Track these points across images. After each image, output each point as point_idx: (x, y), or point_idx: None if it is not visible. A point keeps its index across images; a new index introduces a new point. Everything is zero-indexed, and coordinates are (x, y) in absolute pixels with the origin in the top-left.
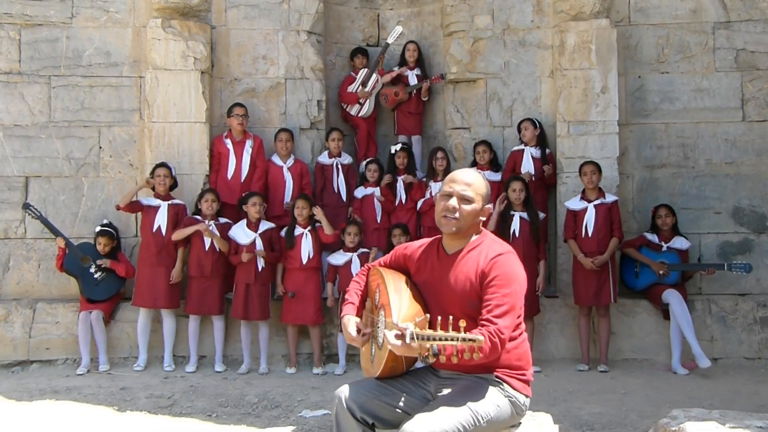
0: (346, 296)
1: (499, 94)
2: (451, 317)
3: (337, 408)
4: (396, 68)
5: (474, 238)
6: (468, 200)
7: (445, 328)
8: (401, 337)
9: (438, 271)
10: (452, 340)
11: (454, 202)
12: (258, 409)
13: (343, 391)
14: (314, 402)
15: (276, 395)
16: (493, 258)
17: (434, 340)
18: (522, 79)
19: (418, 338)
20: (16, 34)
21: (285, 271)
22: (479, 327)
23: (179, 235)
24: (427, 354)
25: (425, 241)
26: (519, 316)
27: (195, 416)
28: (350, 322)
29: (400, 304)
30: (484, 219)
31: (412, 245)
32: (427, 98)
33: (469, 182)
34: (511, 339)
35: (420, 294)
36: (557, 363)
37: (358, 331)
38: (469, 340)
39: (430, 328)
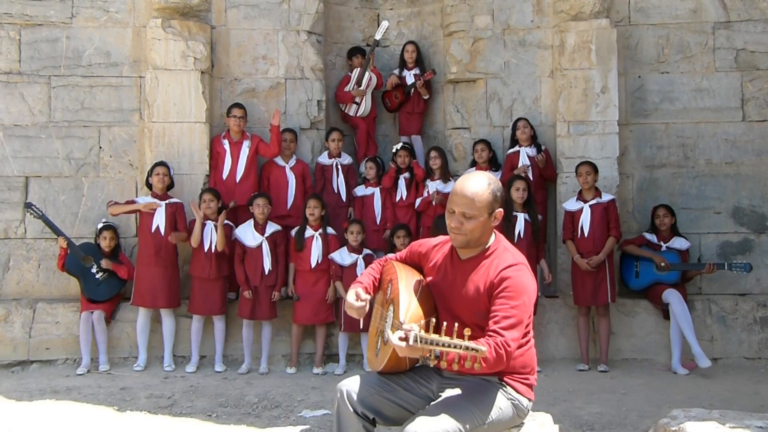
0: (358, 278)
1: (499, 94)
2: (456, 324)
3: (339, 402)
4: (396, 71)
5: (488, 245)
6: (470, 217)
7: (450, 334)
8: (405, 338)
9: (450, 276)
10: (455, 347)
11: (456, 221)
12: (258, 409)
13: (345, 384)
14: (314, 402)
15: (276, 395)
16: (504, 269)
17: (437, 345)
18: (522, 79)
19: (421, 341)
20: (16, 34)
21: (296, 273)
22: (486, 337)
23: (118, 209)
24: (428, 356)
25: (441, 239)
26: (527, 327)
27: (195, 416)
28: (351, 291)
29: (410, 303)
30: (496, 224)
31: (427, 243)
32: (428, 96)
33: (470, 196)
34: (519, 347)
35: (431, 296)
36: (557, 363)
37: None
38: (472, 349)
39: (435, 332)
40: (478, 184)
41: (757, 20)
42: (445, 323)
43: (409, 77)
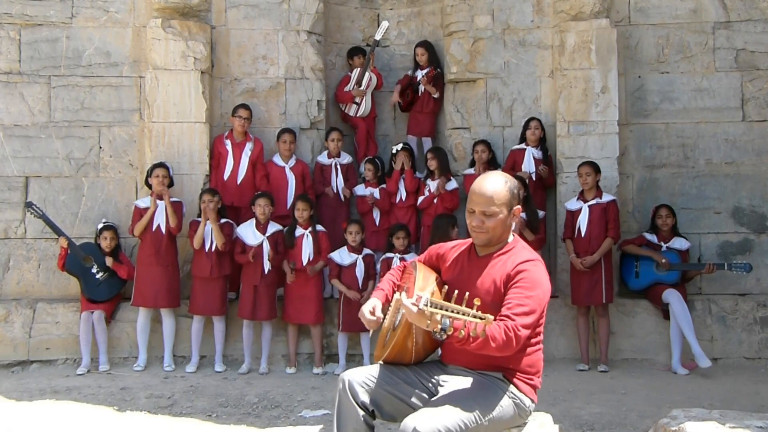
0: (379, 284)
1: (499, 94)
2: (467, 293)
3: (340, 392)
4: (409, 72)
5: (506, 243)
6: (490, 215)
7: (460, 302)
8: (416, 304)
9: (467, 271)
10: (463, 314)
11: (477, 220)
12: (258, 409)
13: (348, 374)
14: (314, 402)
15: (276, 395)
16: (521, 263)
17: (446, 310)
18: (522, 79)
19: (431, 305)
20: (16, 34)
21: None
22: (497, 320)
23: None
24: (436, 329)
25: (458, 242)
26: (539, 323)
27: (195, 416)
28: (369, 302)
29: (424, 286)
30: (516, 221)
31: (446, 245)
32: (437, 95)
33: (490, 194)
34: (528, 345)
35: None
36: (557, 363)
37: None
38: (480, 318)
39: (445, 299)
40: (496, 182)
41: (757, 20)
42: (456, 291)
43: (420, 76)
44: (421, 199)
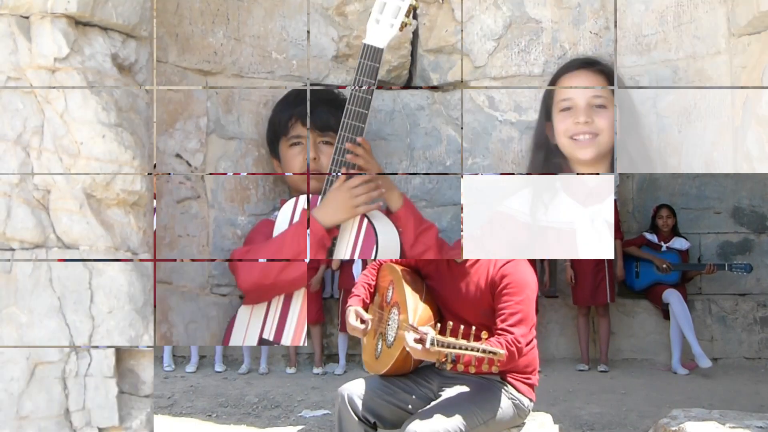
0: (353, 289)
1: None
2: (473, 327)
3: (340, 406)
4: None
5: None
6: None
7: (466, 336)
8: (421, 341)
9: (449, 279)
10: (473, 350)
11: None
12: (258, 409)
13: (347, 388)
14: (314, 402)
15: (276, 395)
16: (503, 266)
17: (455, 348)
18: None
19: (438, 344)
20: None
21: None
22: (495, 336)
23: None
24: (444, 360)
25: None
26: (533, 324)
27: (195, 416)
28: (351, 312)
29: (416, 305)
30: None
31: None
32: None
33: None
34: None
35: (434, 299)
36: (557, 363)
37: (362, 322)
38: (490, 352)
39: (451, 335)
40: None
41: None
42: (462, 327)
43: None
44: None
